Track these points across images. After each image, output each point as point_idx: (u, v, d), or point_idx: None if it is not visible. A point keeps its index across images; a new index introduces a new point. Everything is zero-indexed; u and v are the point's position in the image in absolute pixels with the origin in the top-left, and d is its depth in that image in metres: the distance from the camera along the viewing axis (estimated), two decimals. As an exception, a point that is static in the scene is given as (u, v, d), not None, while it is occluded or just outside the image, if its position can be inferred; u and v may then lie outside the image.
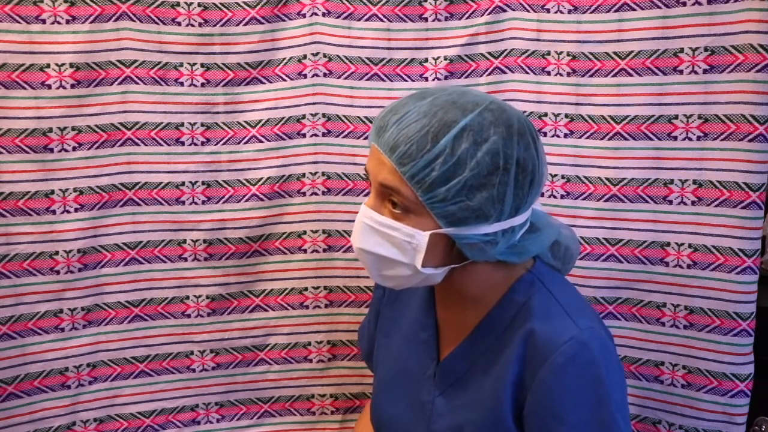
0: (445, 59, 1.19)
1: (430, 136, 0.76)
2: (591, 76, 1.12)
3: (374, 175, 0.82)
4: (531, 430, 0.82)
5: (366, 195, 1.26)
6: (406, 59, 1.21)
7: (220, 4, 1.19)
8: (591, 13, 1.10)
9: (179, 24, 1.18)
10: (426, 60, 1.20)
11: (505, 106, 0.81)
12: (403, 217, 0.80)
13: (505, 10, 1.16)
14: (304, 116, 1.24)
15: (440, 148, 0.76)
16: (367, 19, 1.20)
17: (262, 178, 1.25)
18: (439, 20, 1.19)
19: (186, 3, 1.17)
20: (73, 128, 1.16)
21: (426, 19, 1.19)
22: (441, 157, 0.76)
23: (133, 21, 1.16)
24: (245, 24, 1.20)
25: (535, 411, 0.81)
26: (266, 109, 1.23)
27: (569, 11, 1.12)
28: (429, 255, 0.80)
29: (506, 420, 0.83)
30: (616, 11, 1.09)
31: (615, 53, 1.10)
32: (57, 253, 1.18)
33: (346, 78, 1.22)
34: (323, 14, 1.20)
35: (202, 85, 1.21)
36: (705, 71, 1.05)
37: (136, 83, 1.19)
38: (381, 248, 0.81)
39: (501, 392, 0.83)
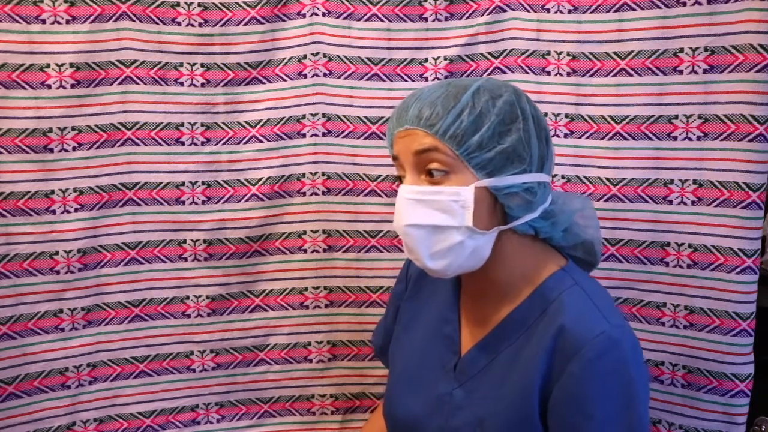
0: (445, 59, 1.19)
1: (451, 96, 0.83)
2: (591, 76, 1.12)
3: (406, 150, 0.84)
4: (556, 423, 0.82)
5: (366, 195, 1.26)
6: (406, 59, 1.21)
7: (220, 4, 1.19)
8: (591, 13, 1.10)
9: (179, 24, 1.18)
10: (426, 60, 1.20)
11: (506, 81, 0.90)
12: (444, 180, 0.82)
13: (505, 10, 1.16)
14: (304, 116, 1.24)
15: (463, 103, 0.81)
16: (367, 19, 1.20)
17: (262, 178, 1.25)
18: (439, 20, 1.19)
19: (186, 3, 1.17)
20: (73, 128, 1.16)
21: (426, 19, 1.19)
22: (466, 110, 0.81)
23: (133, 21, 1.16)
24: (245, 24, 1.20)
25: (562, 404, 0.81)
26: (266, 109, 1.23)
27: (569, 11, 1.12)
28: (476, 213, 0.81)
29: (533, 414, 0.83)
30: (616, 11, 1.09)
31: (615, 53, 1.10)
32: (57, 253, 1.18)
33: (346, 78, 1.22)
34: (323, 14, 1.20)
35: (202, 85, 1.21)
36: (705, 71, 1.05)
37: (136, 83, 1.19)
38: (430, 218, 0.82)
39: (529, 387, 0.83)
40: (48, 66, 1.13)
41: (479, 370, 0.90)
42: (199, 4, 1.18)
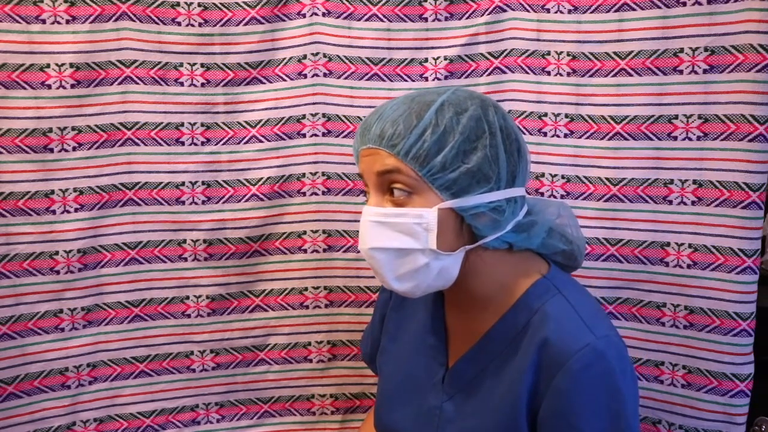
0: (445, 59, 1.19)
1: (413, 114, 0.80)
2: (591, 76, 1.12)
3: (369, 170, 0.82)
4: None
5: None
6: (406, 59, 1.21)
7: (220, 4, 1.19)
8: (591, 13, 1.10)
9: (179, 24, 1.18)
10: (426, 60, 1.20)
11: (474, 91, 0.86)
12: (407, 202, 0.80)
13: (505, 10, 1.16)
14: (304, 116, 1.24)
15: (426, 122, 0.79)
16: (367, 19, 1.20)
17: (262, 178, 1.25)
18: (439, 20, 1.19)
19: (186, 3, 1.17)
20: (73, 128, 1.17)
21: (426, 19, 1.19)
22: (429, 129, 0.79)
23: (133, 21, 1.16)
24: (245, 24, 1.20)
25: (550, 419, 0.80)
26: (266, 109, 1.23)
27: (569, 11, 1.12)
28: (440, 235, 0.79)
29: (521, 427, 0.82)
30: (616, 11, 1.09)
31: (615, 53, 1.10)
32: (57, 253, 1.18)
33: (346, 78, 1.22)
34: (323, 14, 1.20)
35: (202, 85, 1.21)
36: (705, 71, 1.05)
37: (136, 83, 1.19)
38: (393, 241, 0.80)
39: (515, 399, 0.82)
40: (48, 66, 1.13)
41: (467, 383, 0.89)
42: (199, 4, 1.18)
